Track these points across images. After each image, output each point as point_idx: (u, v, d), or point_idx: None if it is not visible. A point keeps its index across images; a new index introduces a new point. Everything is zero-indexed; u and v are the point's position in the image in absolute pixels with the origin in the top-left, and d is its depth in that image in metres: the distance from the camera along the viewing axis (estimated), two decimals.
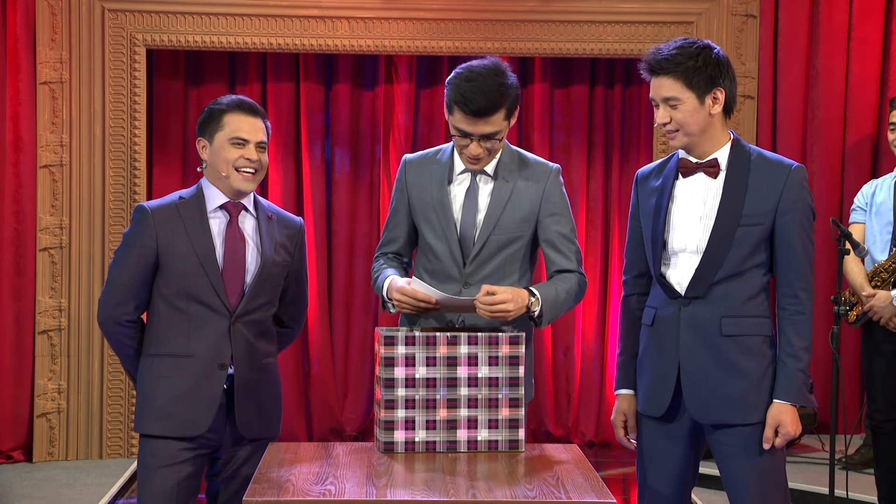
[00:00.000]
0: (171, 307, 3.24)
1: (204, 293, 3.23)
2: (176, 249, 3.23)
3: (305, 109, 6.46)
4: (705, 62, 3.06)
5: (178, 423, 3.22)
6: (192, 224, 3.25)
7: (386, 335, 3.03)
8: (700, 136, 3.11)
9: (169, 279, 3.24)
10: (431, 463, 2.95)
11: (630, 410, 3.28)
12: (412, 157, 3.47)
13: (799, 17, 6.32)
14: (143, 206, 3.29)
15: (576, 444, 4.63)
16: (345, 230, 6.52)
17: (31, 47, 5.93)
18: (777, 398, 3.08)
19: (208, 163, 3.30)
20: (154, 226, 3.24)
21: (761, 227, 3.09)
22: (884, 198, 4.94)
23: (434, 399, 3.04)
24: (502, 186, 3.33)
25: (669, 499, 3.22)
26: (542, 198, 3.34)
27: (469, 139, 3.24)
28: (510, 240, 3.33)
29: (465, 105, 3.17)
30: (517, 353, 3.07)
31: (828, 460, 4.59)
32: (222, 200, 3.29)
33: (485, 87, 3.16)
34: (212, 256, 3.23)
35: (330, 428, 6.52)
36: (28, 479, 5.62)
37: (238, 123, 3.26)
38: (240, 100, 3.32)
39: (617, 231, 6.54)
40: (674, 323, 3.13)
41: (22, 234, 5.99)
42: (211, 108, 3.32)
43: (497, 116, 3.21)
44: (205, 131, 3.30)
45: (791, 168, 3.11)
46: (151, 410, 3.24)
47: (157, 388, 3.24)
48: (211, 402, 3.23)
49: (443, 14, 6.08)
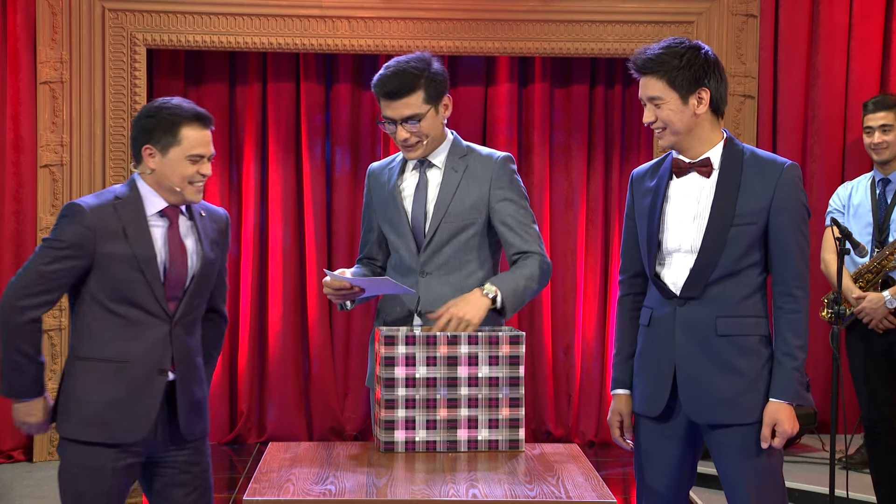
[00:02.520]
0: (106, 310, 3.10)
1: (144, 299, 3.11)
2: (114, 254, 3.08)
3: (306, 109, 6.46)
4: (689, 62, 3.06)
5: (114, 430, 3.10)
6: (132, 228, 3.10)
7: (386, 335, 3.03)
8: (687, 135, 3.11)
9: (104, 282, 3.09)
10: (431, 463, 2.95)
11: (626, 410, 3.27)
12: (375, 165, 3.64)
13: (799, 17, 6.31)
14: (79, 205, 3.09)
15: (576, 443, 4.64)
16: (345, 230, 6.52)
17: (32, 47, 5.93)
18: (773, 397, 3.08)
19: (156, 172, 3.13)
20: (93, 227, 3.07)
21: (755, 226, 3.09)
22: (861, 199, 4.93)
23: (434, 399, 3.05)
24: (451, 175, 3.42)
25: (667, 498, 3.22)
26: (490, 183, 3.41)
27: (394, 125, 3.36)
28: (461, 227, 3.40)
29: (380, 88, 3.33)
30: (517, 353, 3.08)
31: (828, 460, 4.59)
32: (162, 206, 3.16)
33: (398, 70, 3.32)
34: (153, 263, 3.11)
35: (330, 428, 6.53)
36: (28, 479, 5.62)
37: (196, 138, 3.11)
38: (195, 111, 3.15)
39: (617, 231, 6.53)
40: (669, 323, 3.13)
41: (22, 233, 5.99)
42: (164, 116, 3.12)
43: (414, 98, 3.32)
44: (156, 139, 3.12)
45: (784, 166, 3.10)
46: (85, 416, 3.10)
47: (92, 394, 3.10)
48: (150, 409, 3.12)
49: (443, 14, 6.08)
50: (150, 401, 3.13)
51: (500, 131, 6.48)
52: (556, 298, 6.58)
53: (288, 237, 6.49)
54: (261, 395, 6.57)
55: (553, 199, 6.59)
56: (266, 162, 6.50)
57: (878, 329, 4.70)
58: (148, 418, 3.12)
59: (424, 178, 3.45)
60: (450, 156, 3.45)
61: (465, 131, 6.35)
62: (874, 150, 4.90)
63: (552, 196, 6.59)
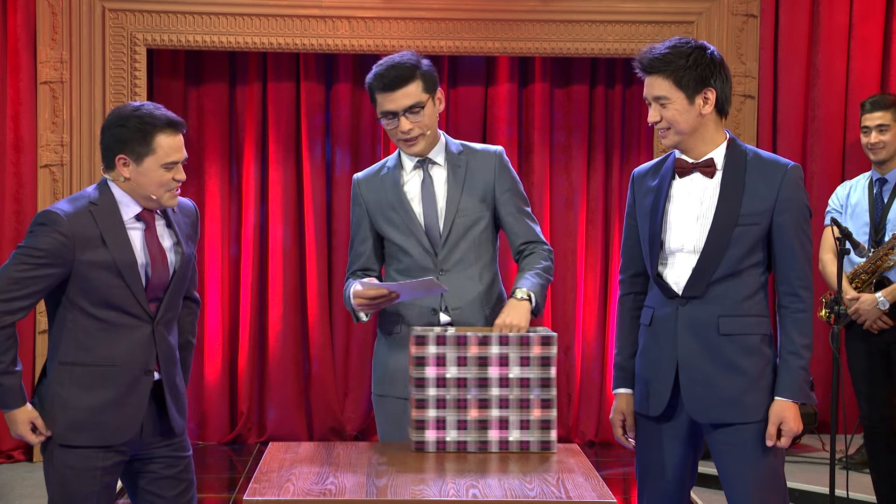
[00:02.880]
0: (87, 315, 3.10)
1: (126, 303, 3.11)
2: (94, 261, 3.07)
3: (306, 109, 6.46)
4: (696, 62, 3.06)
5: (104, 433, 3.12)
6: (109, 234, 3.09)
7: (417, 335, 3.03)
8: (691, 135, 3.12)
9: (85, 288, 3.08)
10: (432, 463, 2.95)
11: (628, 410, 3.28)
12: (361, 174, 3.59)
13: (799, 17, 6.31)
14: (55, 213, 3.06)
15: (576, 443, 4.64)
16: (345, 230, 6.51)
17: (32, 47, 5.93)
18: (779, 395, 3.08)
19: (131, 180, 3.11)
20: (71, 235, 3.05)
21: (758, 226, 3.09)
22: (858, 198, 4.93)
23: (465, 399, 3.05)
24: (455, 171, 3.45)
25: (668, 498, 3.22)
26: (494, 176, 3.46)
27: (396, 118, 3.36)
28: (474, 220, 3.44)
29: (379, 81, 3.35)
30: (549, 354, 3.07)
31: (828, 460, 4.59)
32: (137, 210, 3.15)
33: (393, 63, 3.36)
34: (134, 268, 3.10)
35: (330, 427, 6.52)
36: (28, 479, 5.62)
37: (170, 145, 3.10)
38: (167, 118, 3.12)
39: (617, 231, 6.53)
40: (671, 323, 3.14)
41: (22, 233, 5.97)
42: (136, 125, 3.09)
43: (413, 87, 3.34)
44: (129, 150, 3.09)
45: (787, 167, 3.11)
46: (74, 421, 3.10)
47: (80, 399, 3.10)
48: (138, 409, 3.15)
49: (443, 14, 6.08)
50: (138, 401, 3.15)
51: (500, 131, 6.48)
52: (556, 298, 6.58)
53: (288, 237, 6.49)
54: (261, 396, 6.57)
55: (553, 199, 6.59)
56: (266, 162, 6.50)
57: (873, 329, 4.71)
58: (136, 418, 3.15)
59: (429, 177, 3.46)
60: (448, 152, 3.47)
61: (465, 131, 6.37)
62: (871, 149, 4.90)
63: (552, 196, 6.59)
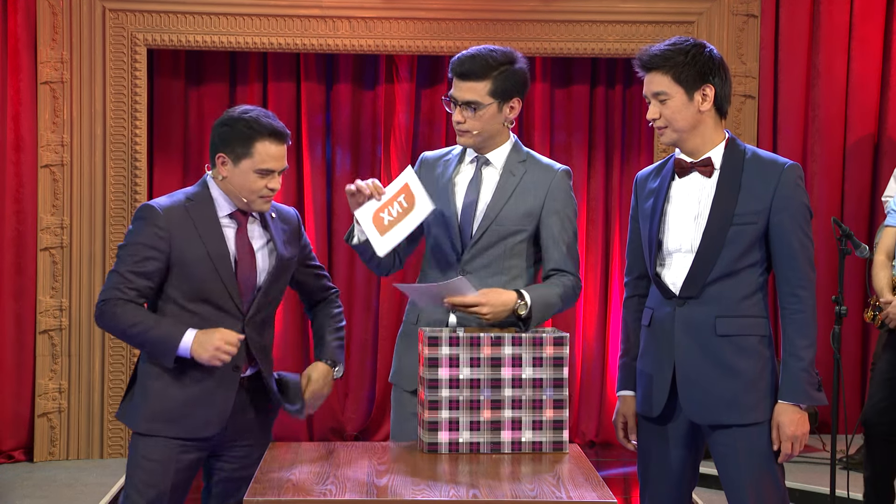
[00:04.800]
0: (181, 308, 3.18)
1: (218, 296, 3.18)
2: (189, 253, 3.15)
3: (306, 109, 6.46)
4: (695, 58, 3.07)
5: (190, 427, 3.18)
6: (204, 227, 3.17)
7: (430, 336, 3.02)
8: (689, 132, 3.11)
9: (180, 281, 3.17)
10: (433, 463, 2.95)
11: (630, 412, 3.27)
12: (429, 153, 3.56)
13: (800, 17, 6.31)
14: (152, 206, 3.17)
15: (576, 443, 4.63)
16: (345, 230, 6.48)
17: (32, 47, 5.94)
18: (780, 399, 3.08)
19: (227, 179, 3.20)
20: (167, 227, 3.15)
21: (755, 226, 3.08)
22: None
23: (478, 400, 3.04)
24: (508, 179, 3.36)
25: (670, 499, 3.22)
26: (546, 194, 3.35)
27: (456, 106, 3.33)
28: (511, 232, 3.34)
29: (456, 66, 3.33)
30: (562, 354, 3.06)
31: (828, 460, 4.58)
32: (231, 209, 3.23)
33: (476, 54, 3.31)
34: (227, 261, 3.18)
35: (330, 428, 6.52)
36: (29, 479, 5.63)
37: (268, 152, 3.16)
38: (273, 127, 3.18)
39: (617, 231, 6.54)
40: (669, 323, 3.13)
41: (23, 233, 5.99)
42: (241, 128, 3.17)
43: (479, 86, 3.29)
44: (230, 149, 3.18)
45: (785, 166, 3.10)
46: (161, 412, 3.17)
47: (167, 391, 3.18)
48: (226, 405, 3.21)
49: (443, 14, 6.09)
50: (227, 397, 3.21)
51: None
52: None
53: None
54: None
55: None
56: None
57: None
58: (223, 414, 3.21)
59: (479, 175, 3.39)
60: (509, 158, 3.38)
61: None
62: None
63: None
